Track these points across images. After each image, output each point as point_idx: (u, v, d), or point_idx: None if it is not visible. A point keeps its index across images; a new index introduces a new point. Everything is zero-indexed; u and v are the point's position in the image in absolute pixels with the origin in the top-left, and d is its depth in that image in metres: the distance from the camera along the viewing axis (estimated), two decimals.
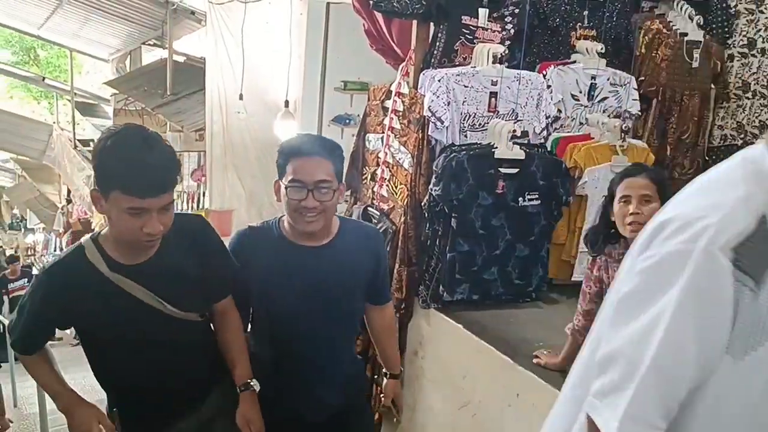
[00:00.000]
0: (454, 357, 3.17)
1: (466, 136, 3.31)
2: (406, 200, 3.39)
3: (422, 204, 3.28)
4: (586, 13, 3.72)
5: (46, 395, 4.46)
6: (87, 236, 2.03)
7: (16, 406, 7.23)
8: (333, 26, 5.92)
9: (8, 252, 20.24)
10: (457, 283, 3.28)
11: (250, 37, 6.68)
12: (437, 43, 3.46)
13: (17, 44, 20.83)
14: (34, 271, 11.17)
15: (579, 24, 3.71)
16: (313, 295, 2.28)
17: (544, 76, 3.51)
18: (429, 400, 3.39)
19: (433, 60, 3.45)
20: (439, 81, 3.21)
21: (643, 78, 3.86)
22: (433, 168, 3.23)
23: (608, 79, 3.65)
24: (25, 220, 19.09)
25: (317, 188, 2.15)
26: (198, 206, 8.16)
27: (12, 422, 4.16)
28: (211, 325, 2.32)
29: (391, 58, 3.95)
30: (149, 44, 11.31)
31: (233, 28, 6.66)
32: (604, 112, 3.65)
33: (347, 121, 6.80)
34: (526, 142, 3.33)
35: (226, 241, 2.33)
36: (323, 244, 2.31)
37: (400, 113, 3.46)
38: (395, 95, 3.53)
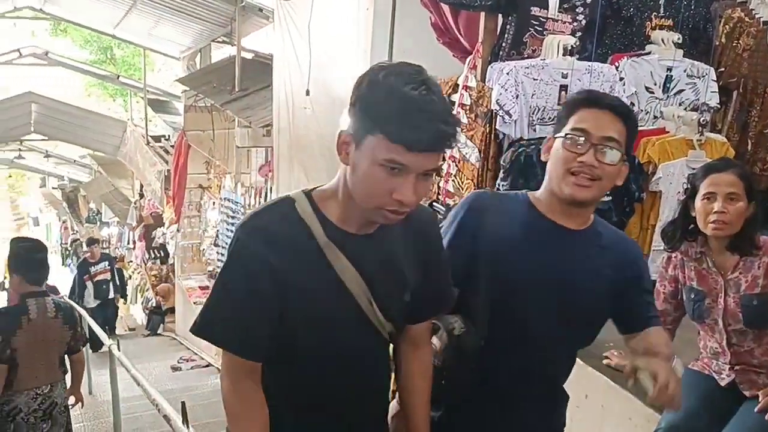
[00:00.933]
0: None
1: (534, 130, 3.24)
2: None
3: None
4: (662, 1, 3.60)
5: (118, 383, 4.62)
6: (296, 191, 1.56)
7: (91, 393, 7.48)
8: (399, 20, 5.90)
9: (85, 246, 21.11)
10: None
11: (317, 33, 6.72)
12: (506, 35, 3.40)
13: (95, 44, 21.54)
14: None
15: (654, 13, 3.59)
16: (554, 295, 1.72)
17: (617, 68, 3.41)
18: None
19: (501, 52, 3.39)
20: (507, 74, 3.15)
21: (722, 69, 3.72)
22: (501, 163, 3.17)
23: (685, 71, 3.52)
24: (101, 213, 19.74)
25: (601, 146, 1.68)
26: (265, 201, 8.27)
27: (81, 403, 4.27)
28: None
29: (458, 50, 3.91)
30: (218, 41, 11.53)
31: (300, 24, 6.71)
32: (680, 105, 3.52)
33: None
34: None
35: None
36: (582, 230, 1.79)
37: (467, 107, 3.42)
38: (462, 88, 3.48)
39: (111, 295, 10.53)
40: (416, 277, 1.60)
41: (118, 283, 10.79)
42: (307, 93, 6.69)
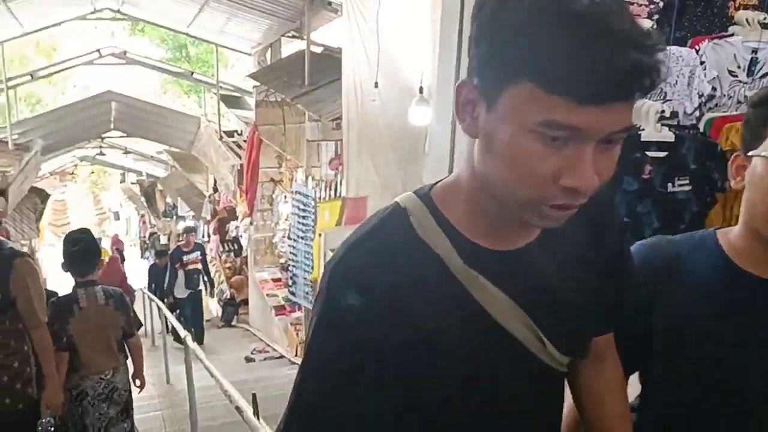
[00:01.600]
0: None
1: None
2: None
3: None
4: None
5: (194, 374, 4.74)
6: (408, 194, 1.09)
7: (168, 382, 7.71)
8: (469, 10, 5.81)
9: (162, 239, 21.74)
10: None
11: (385, 24, 6.70)
12: None
13: (171, 42, 22.17)
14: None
15: None
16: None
17: (697, 51, 3.26)
18: None
19: None
20: None
21: None
22: None
23: None
24: (177, 207, 20.29)
25: None
26: (335, 194, 8.32)
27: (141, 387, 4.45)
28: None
29: None
30: (288, 36, 11.64)
31: (368, 16, 6.71)
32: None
33: None
34: (675, 123, 3.11)
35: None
36: None
37: None
38: None
39: (200, 286, 10.73)
40: (602, 274, 1.11)
41: (206, 275, 11.05)
42: (376, 85, 6.70)
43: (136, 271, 17.86)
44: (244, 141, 12.62)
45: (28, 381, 3.56)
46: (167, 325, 8.34)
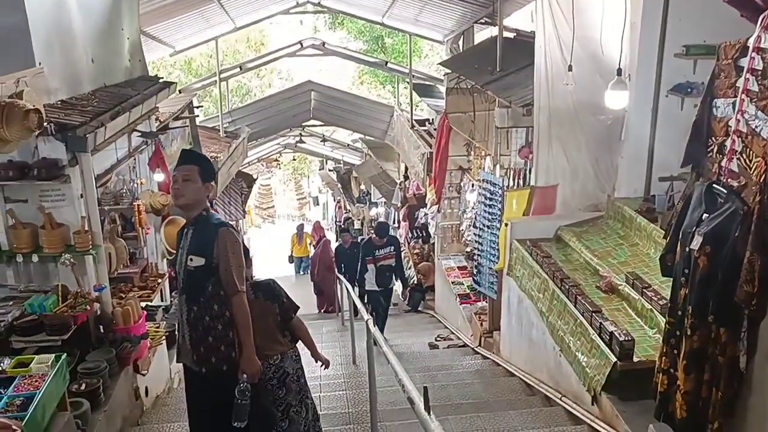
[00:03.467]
0: None
1: None
2: (762, 176, 2.84)
3: None
4: None
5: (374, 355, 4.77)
6: None
7: (354, 363, 7.89)
8: None
9: (356, 223, 22.53)
10: None
11: (581, 7, 6.38)
12: None
13: (367, 34, 22.82)
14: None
15: None
16: None
17: None
18: None
19: None
20: None
21: None
22: None
23: None
24: (370, 194, 20.95)
25: None
26: (524, 183, 8.04)
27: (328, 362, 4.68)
28: None
29: (747, 9, 3.35)
30: (481, 23, 11.45)
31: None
32: None
33: (689, 90, 6.16)
34: None
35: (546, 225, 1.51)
36: None
37: (759, 72, 2.91)
38: (753, 51, 2.97)
39: (392, 284, 9.80)
40: None
41: (399, 272, 9.88)
42: (570, 68, 6.43)
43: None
44: (435, 129, 12.63)
45: (231, 344, 3.79)
46: (354, 307, 8.54)
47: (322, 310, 13.98)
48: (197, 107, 11.17)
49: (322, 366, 4.56)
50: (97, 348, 5.34)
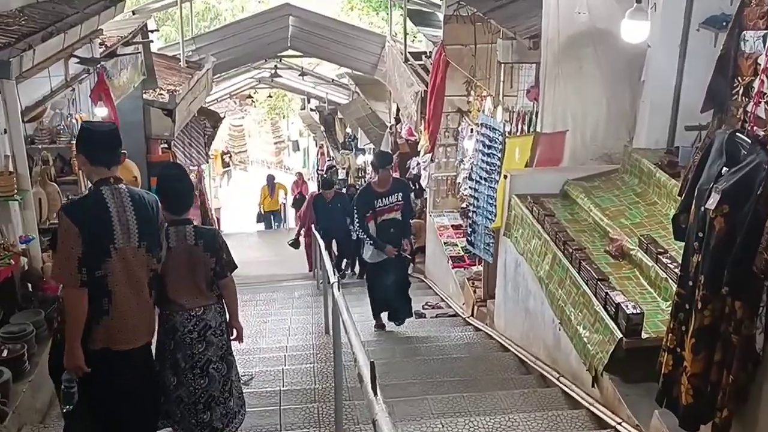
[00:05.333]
0: None
1: None
2: None
3: None
4: None
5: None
6: None
7: (327, 332, 7.89)
8: None
9: (341, 173, 22.43)
10: None
11: None
12: None
13: None
14: None
15: None
16: None
17: None
18: None
19: None
20: None
21: None
22: None
23: None
24: (357, 139, 20.73)
25: None
26: (528, 129, 7.94)
27: None
28: None
29: None
30: None
31: None
32: None
33: (724, 23, 6.04)
34: None
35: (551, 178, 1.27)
36: None
37: None
38: None
39: (404, 247, 7.85)
40: None
41: (407, 234, 8.02)
42: None
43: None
44: (432, 64, 12.46)
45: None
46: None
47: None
48: (152, 31, 10.98)
49: (233, 338, 4.61)
50: (24, 309, 5.32)
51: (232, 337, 4.59)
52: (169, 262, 4.24)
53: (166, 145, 11.77)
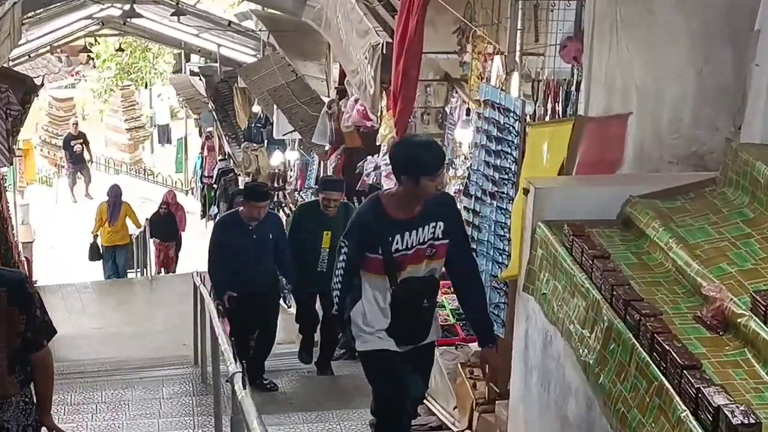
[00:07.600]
0: None
1: None
2: None
3: None
4: None
5: None
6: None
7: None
8: None
9: (241, 180, 22.46)
10: None
11: None
12: None
13: None
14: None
15: None
16: None
17: None
18: None
19: None
20: None
21: None
22: None
23: None
24: (271, 124, 20.71)
25: None
26: (564, 111, 8.08)
27: None
28: None
29: None
30: None
31: None
32: None
33: None
34: None
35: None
36: None
37: None
38: None
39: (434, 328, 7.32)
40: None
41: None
42: None
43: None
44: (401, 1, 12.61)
45: None
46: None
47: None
48: None
49: None
50: None
51: None
52: None
53: None
